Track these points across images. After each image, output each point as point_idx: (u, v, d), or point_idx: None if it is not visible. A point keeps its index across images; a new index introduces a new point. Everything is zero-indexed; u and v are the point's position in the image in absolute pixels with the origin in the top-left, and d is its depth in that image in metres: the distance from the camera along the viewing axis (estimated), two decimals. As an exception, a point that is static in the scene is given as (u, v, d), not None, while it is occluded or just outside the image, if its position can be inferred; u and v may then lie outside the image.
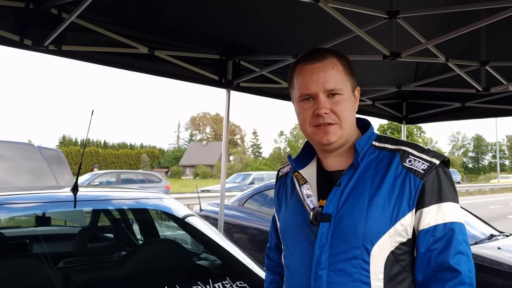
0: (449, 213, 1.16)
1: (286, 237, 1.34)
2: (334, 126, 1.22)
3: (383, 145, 1.27)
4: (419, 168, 1.18)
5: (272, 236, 1.55)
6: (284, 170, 1.48)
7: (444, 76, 4.04)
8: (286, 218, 1.34)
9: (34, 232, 3.27)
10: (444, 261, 1.13)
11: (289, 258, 1.31)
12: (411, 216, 1.16)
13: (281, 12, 2.93)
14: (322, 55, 1.25)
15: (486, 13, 2.64)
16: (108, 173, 18.57)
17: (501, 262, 3.36)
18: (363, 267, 1.15)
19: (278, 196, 1.45)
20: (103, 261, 2.63)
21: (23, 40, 2.68)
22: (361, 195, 1.18)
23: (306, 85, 1.24)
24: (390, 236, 1.15)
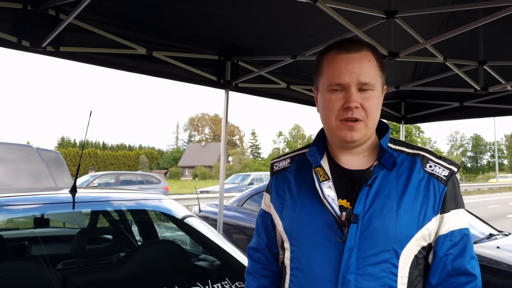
0: (463, 219, 1.19)
1: (298, 237, 1.22)
2: (361, 123, 1.16)
3: (399, 147, 1.25)
4: (441, 174, 1.19)
5: (260, 235, 1.40)
6: (281, 165, 1.37)
7: (443, 75, 4.04)
8: (298, 216, 1.23)
9: (33, 234, 3.26)
10: (461, 266, 1.15)
11: (303, 261, 1.20)
12: (435, 221, 1.16)
13: (279, 12, 2.93)
14: (359, 46, 1.19)
15: (484, 12, 2.64)
16: (107, 174, 18.54)
17: (500, 261, 3.36)
18: (392, 271, 1.12)
19: (278, 192, 1.32)
20: (102, 262, 2.63)
21: (21, 42, 2.67)
22: (389, 197, 1.15)
23: (339, 74, 1.16)
24: (416, 240, 1.14)
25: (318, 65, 1.25)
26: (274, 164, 1.40)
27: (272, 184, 1.36)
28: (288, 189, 1.30)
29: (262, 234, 1.40)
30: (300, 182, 1.28)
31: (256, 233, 1.43)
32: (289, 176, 1.32)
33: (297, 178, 1.29)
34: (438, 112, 5.21)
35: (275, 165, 1.39)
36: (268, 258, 1.39)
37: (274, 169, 1.38)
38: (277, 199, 1.32)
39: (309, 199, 1.22)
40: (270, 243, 1.38)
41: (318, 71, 1.25)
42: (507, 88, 4.07)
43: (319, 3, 2.43)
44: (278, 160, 1.40)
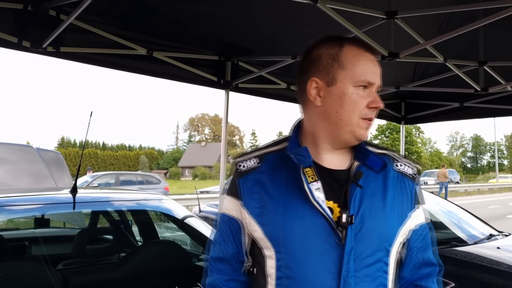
0: (425, 214, 1.27)
1: (287, 244, 1.13)
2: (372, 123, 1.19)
3: (368, 147, 1.23)
4: (409, 173, 1.24)
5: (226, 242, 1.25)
6: (248, 165, 1.24)
7: (443, 76, 4.04)
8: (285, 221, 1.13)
9: (33, 234, 3.27)
10: (426, 257, 1.24)
11: (296, 268, 1.12)
12: (411, 217, 1.20)
13: (279, 13, 2.93)
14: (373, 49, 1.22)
15: (484, 13, 2.64)
16: (107, 174, 18.56)
17: (500, 262, 3.36)
18: (384, 270, 1.14)
19: (252, 195, 1.19)
20: (102, 262, 2.63)
21: (22, 42, 2.67)
22: (375, 196, 1.15)
23: (372, 73, 1.15)
24: (399, 236, 1.17)
25: (334, 56, 1.17)
26: (239, 164, 1.25)
27: (240, 187, 1.22)
28: (264, 192, 1.18)
29: (228, 242, 1.25)
30: (278, 184, 1.18)
31: (218, 241, 1.27)
32: (261, 177, 1.20)
33: (273, 179, 1.19)
34: (438, 112, 5.21)
35: (240, 165, 1.25)
36: (234, 268, 1.26)
37: (241, 170, 1.24)
38: (251, 203, 1.19)
39: (295, 201, 1.14)
40: (237, 252, 1.25)
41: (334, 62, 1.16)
42: (507, 89, 4.07)
43: (319, 3, 2.44)
44: (242, 160, 1.26)
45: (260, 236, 1.17)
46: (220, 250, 1.26)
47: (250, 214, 1.19)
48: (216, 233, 1.29)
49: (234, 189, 1.24)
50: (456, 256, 3.32)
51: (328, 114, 1.16)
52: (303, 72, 1.21)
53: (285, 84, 4.25)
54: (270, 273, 1.16)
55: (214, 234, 1.31)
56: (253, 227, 1.19)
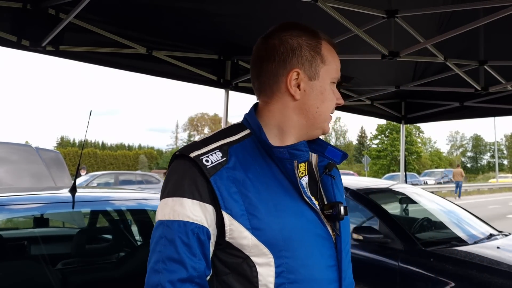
0: None
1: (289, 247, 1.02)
2: None
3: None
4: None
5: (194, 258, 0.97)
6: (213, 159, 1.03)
7: (443, 75, 4.04)
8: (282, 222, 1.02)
9: (32, 234, 3.26)
10: None
11: (301, 270, 1.02)
12: None
13: (279, 11, 2.93)
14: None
15: (484, 12, 2.64)
16: (106, 174, 18.54)
17: (500, 261, 3.36)
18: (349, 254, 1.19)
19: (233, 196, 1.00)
20: (102, 262, 2.62)
21: (21, 41, 2.67)
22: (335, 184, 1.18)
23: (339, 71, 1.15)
24: None
25: (316, 48, 1.10)
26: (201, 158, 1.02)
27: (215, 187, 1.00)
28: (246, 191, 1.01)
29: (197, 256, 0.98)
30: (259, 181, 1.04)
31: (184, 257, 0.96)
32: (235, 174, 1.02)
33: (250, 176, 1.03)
34: (438, 112, 5.21)
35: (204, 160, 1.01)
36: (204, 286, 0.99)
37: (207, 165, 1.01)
38: (235, 205, 1.00)
39: (286, 199, 1.04)
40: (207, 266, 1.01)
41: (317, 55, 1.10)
42: (507, 88, 4.07)
43: (319, 2, 2.43)
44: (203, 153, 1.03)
45: (252, 243, 1.00)
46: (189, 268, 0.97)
47: (235, 219, 1.00)
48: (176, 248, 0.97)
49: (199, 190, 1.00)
50: (456, 256, 3.32)
51: (307, 109, 1.10)
52: (280, 61, 1.09)
53: (285, 83, 4.24)
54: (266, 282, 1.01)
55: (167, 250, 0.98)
56: (239, 234, 1.00)
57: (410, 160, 48.67)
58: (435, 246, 3.48)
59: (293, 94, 1.09)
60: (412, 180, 26.71)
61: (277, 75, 1.10)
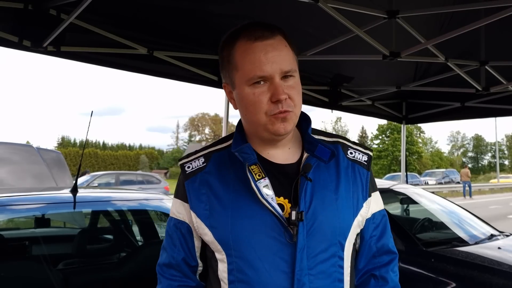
0: (380, 201, 1.23)
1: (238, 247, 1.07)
2: (291, 113, 1.07)
3: (319, 137, 1.20)
4: (362, 160, 1.20)
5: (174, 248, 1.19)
6: (194, 165, 1.18)
7: (444, 76, 4.04)
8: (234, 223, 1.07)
9: (34, 234, 3.26)
10: (384, 245, 1.20)
11: (249, 271, 1.06)
12: (365, 206, 1.17)
13: (280, 11, 2.92)
14: (271, 30, 1.09)
15: (485, 12, 2.64)
16: (107, 174, 18.55)
17: (501, 262, 3.35)
18: (339, 264, 1.09)
19: (199, 197, 1.13)
20: (103, 262, 2.63)
21: (22, 41, 2.67)
22: (326, 188, 1.10)
23: (260, 66, 1.04)
24: (353, 228, 1.13)
25: (229, 58, 1.11)
26: (185, 165, 1.19)
27: (187, 189, 1.15)
28: (212, 193, 1.12)
29: (177, 247, 1.19)
30: (226, 184, 1.12)
31: (167, 246, 1.21)
32: (208, 178, 1.14)
33: (221, 179, 1.13)
34: (439, 112, 5.21)
35: (186, 167, 1.18)
36: (185, 273, 1.19)
37: (187, 171, 1.17)
38: (199, 205, 1.13)
39: (244, 201, 1.08)
40: (187, 256, 1.18)
41: (229, 65, 1.12)
42: (508, 89, 4.06)
43: (320, 3, 2.43)
44: (188, 160, 1.20)
45: (211, 240, 1.11)
46: (169, 256, 1.20)
47: (198, 217, 1.13)
48: (165, 239, 1.22)
49: (181, 192, 1.17)
50: (457, 256, 3.31)
51: (243, 117, 1.15)
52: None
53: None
54: (222, 277, 1.10)
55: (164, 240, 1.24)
56: (202, 231, 1.12)
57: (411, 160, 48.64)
58: (436, 246, 3.48)
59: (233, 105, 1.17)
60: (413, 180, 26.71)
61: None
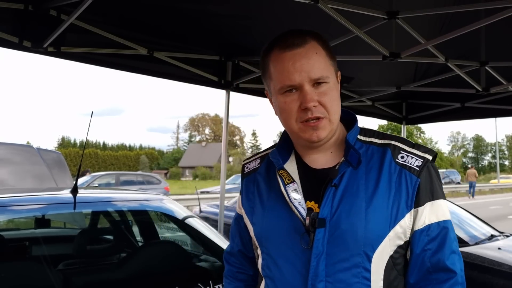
0: (441, 211, 1.10)
1: (267, 244, 1.15)
2: (324, 120, 1.08)
3: (370, 139, 1.16)
4: (414, 165, 1.10)
5: (234, 239, 1.35)
6: (251, 166, 1.30)
7: (444, 76, 4.04)
8: (266, 222, 1.15)
9: (34, 234, 3.26)
10: (440, 261, 1.07)
11: (274, 269, 1.13)
12: (409, 216, 1.07)
13: (280, 12, 2.93)
14: (302, 38, 1.10)
15: (486, 13, 2.64)
16: (107, 175, 18.55)
17: (501, 262, 3.36)
18: (364, 276, 1.04)
19: (248, 195, 1.25)
20: (103, 263, 2.63)
21: (22, 42, 2.67)
22: (357, 196, 1.07)
23: (289, 75, 1.07)
24: (390, 239, 1.06)
25: (265, 68, 1.16)
26: (245, 165, 1.33)
27: (243, 187, 1.29)
28: (258, 192, 1.22)
29: (235, 238, 1.34)
30: (269, 185, 1.20)
31: (230, 236, 1.38)
32: (259, 178, 1.24)
33: (266, 180, 1.22)
34: (440, 112, 5.21)
35: (246, 167, 1.32)
36: (242, 262, 1.34)
37: (245, 171, 1.31)
38: (247, 203, 1.25)
39: (277, 202, 1.14)
40: (244, 248, 1.32)
41: (266, 74, 1.17)
42: (508, 89, 4.06)
43: (320, 3, 2.43)
44: (249, 161, 1.33)
45: (253, 235, 1.22)
46: (230, 246, 1.38)
47: (245, 213, 1.26)
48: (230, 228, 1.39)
49: (241, 189, 1.31)
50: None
51: (281, 123, 1.18)
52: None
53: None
54: (260, 271, 1.20)
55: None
56: (248, 226, 1.25)
57: (411, 160, 48.51)
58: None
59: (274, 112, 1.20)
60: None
61: None
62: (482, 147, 77.76)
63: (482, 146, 77.78)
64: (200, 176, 57.53)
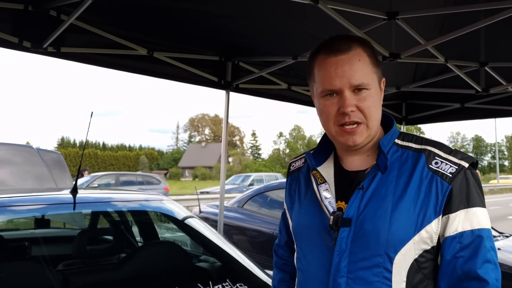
0: (477, 219, 1.09)
1: (300, 239, 1.25)
2: (361, 126, 1.12)
3: (407, 143, 1.18)
4: (447, 172, 1.10)
5: (281, 233, 1.46)
6: (296, 165, 1.38)
7: (444, 77, 4.04)
8: (301, 218, 1.25)
9: (33, 235, 3.26)
10: (471, 270, 1.06)
11: (304, 262, 1.23)
12: (437, 222, 1.08)
13: (280, 13, 2.93)
14: (347, 44, 1.14)
15: (485, 14, 2.64)
16: (107, 175, 18.54)
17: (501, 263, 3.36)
18: (385, 276, 1.08)
19: (290, 192, 1.35)
20: (103, 263, 2.62)
21: (22, 42, 2.67)
22: (385, 199, 1.10)
23: (330, 80, 1.12)
24: (414, 243, 1.08)
25: (310, 71, 1.22)
26: (291, 164, 1.41)
27: (287, 184, 1.38)
28: (298, 190, 1.31)
29: (282, 232, 1.45)
30: (307, 184, 1.28)
31: (279, 230, 1.49)
32: (301, 177, 1.33)
33: (306, 179, 1.30)
34: (439, 113, 5.21)
35: (291, 165, 1.41)
36: (288, 254, 1.43)
37: (291, 169, 1.40)
38: (289, 199, 1.35)
39: (312, 201, 1.22)
40: (289, 241, 1.40)
41: (310, 77, 1.22)
42: (508, 89, 4.06)
43: (320, 4, 2.43)
44: (294, 160, 1.42)
45: (291, 229, 1.33)
46: (279, 238, 1.48)
47: (287, 209, 1.36)
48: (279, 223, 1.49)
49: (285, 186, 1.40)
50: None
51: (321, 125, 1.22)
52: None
53: (285, 84, 4.24)
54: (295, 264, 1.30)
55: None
56: (289, 221, 1.35)
57: (411, 161, 48.55)
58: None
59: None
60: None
61: None
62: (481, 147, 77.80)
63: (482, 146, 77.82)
64: (199, 177, 57.52)
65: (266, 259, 4.15)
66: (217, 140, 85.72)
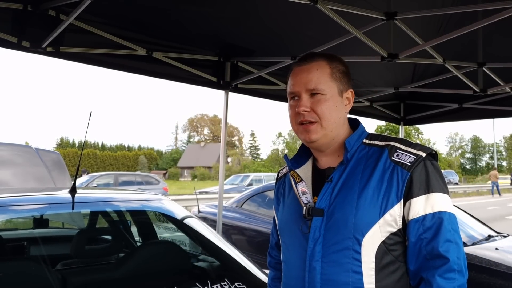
0: (437, 203, 1.21)
1: (283, 233, 1.40)
2: (315, 124, 1.28)
3: (373, 142, 1.33)
4: (406, 161, 1.24)
5: (273, 235, 1.61)
6: (283, 171, 1.54)
7: (442, 77, 4.05)
8: (283, 215, 1.40)
9: (32, 234, 3.26)
10: (434, 248, 1.18)
11: (286, 253, 1.37)
12: (399, 206, 1.21)
13: (279, 13, 2.94)
14: (312, 58, 1.33)
15: (483, 14, 2.65)
16: (106, 175, 18.52)
17: (499, 263, 3.37)
18: (355, 257, 1.20)
19: (278, 195, 1.51)
20: (101, 263, 2.63)
21: (21, 42, 2.67)
22: (351, 189, 1.24)
23: (292, 85, 1.32)
24: (380, 226, 1.20)
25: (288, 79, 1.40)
26: (279, 171, 1.56)
27: (275, 189, 1.54)
28: (283, 192, 1.47)
29: (274, 234, 1.59)
30: (289, 185, 1.43)
31: (271, 233, 1.63)
32: (286, 180, 1.48)
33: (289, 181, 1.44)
34: (437, 113, 5.22)
35: (279, 172, 1.56)
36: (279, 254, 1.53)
37: (279, 176, 1.55)
38: (276, 201, 1.51)
39: (293, 199, 1.37)
40: (278, 241, 1.52)
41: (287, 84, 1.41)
42: (506, 90, 4.08)
43: (319, 4, 2.44)
44: (282, 168, 1.56)
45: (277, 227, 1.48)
46: (271, 240, 1.62)
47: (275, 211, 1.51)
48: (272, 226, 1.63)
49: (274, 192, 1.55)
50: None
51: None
52: None
53: (284, 84, 4.25)
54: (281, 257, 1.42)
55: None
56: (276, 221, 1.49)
57: (410, 161, 48.50)
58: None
59: None
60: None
61: None
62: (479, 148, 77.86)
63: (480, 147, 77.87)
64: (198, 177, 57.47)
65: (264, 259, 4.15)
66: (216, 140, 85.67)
